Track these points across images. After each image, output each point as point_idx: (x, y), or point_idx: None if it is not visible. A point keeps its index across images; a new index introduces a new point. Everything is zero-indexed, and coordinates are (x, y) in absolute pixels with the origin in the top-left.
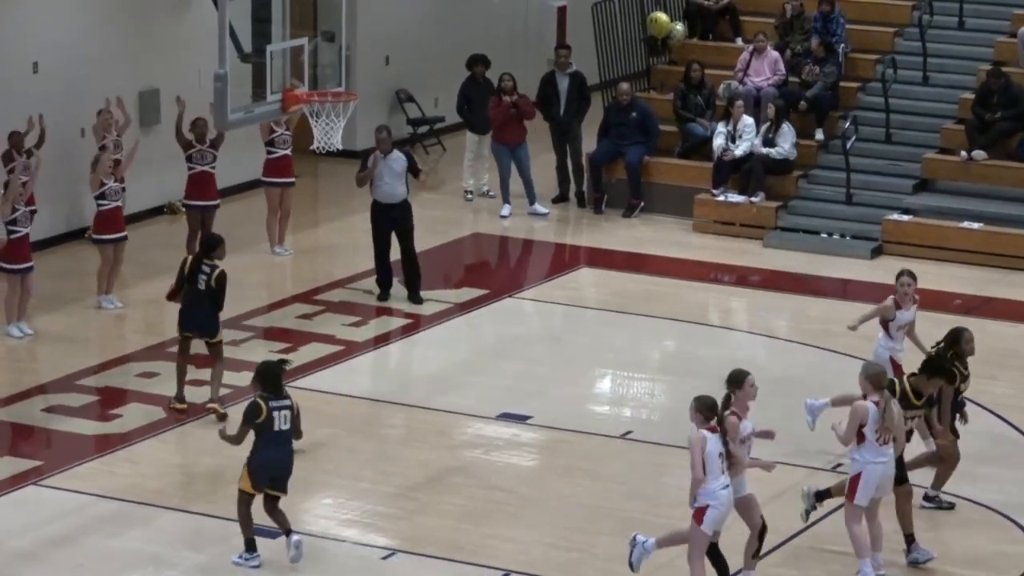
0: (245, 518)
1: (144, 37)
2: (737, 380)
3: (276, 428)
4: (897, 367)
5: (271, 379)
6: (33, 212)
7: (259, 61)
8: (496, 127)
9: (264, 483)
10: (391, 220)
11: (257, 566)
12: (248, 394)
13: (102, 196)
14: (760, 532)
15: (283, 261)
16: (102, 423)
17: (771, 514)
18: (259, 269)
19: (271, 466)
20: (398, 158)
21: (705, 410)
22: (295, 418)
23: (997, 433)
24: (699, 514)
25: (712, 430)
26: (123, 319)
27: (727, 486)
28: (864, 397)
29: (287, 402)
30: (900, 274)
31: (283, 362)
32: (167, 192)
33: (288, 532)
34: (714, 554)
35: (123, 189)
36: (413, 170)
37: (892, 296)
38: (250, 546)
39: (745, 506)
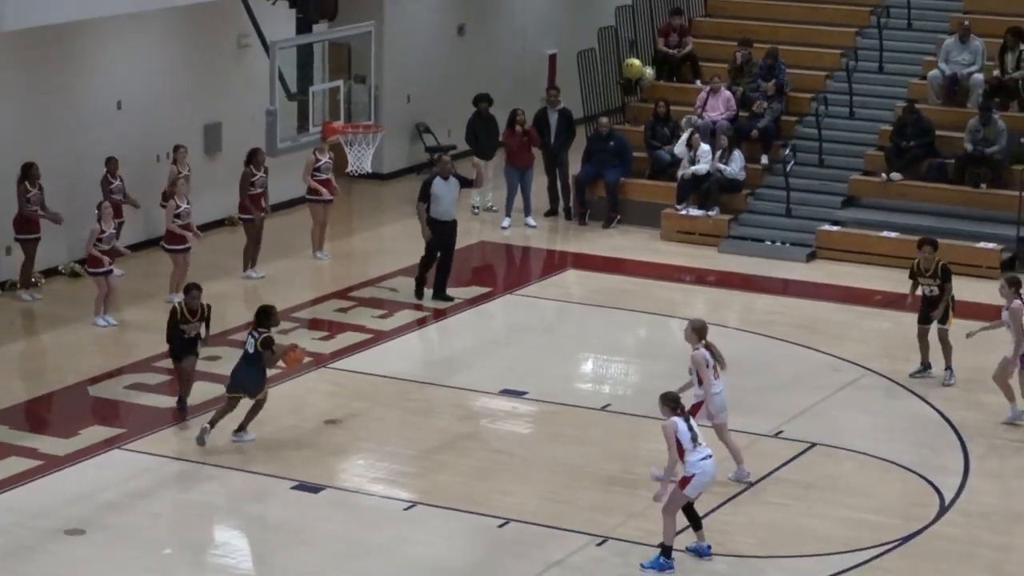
0: None
1: (208, 79)
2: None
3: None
4: None
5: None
6: (121, 224)
7: (303, 99)
8: (509, 153)
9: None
10: (444, 234)
11: None
12: (293, 375)
13: (177, 217)
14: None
15: (323, 264)
16: (174, 398)
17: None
18: (304, 271)
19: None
20: (455, 183)
21: (670, 402)
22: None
23: (911, 407)
24: (684, 481)
25: (679, 415)
26: None
27: (707, 456)
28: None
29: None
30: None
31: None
32: (227, 207)
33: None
34: (691, 512)
35: (188, 211)
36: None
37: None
38: None
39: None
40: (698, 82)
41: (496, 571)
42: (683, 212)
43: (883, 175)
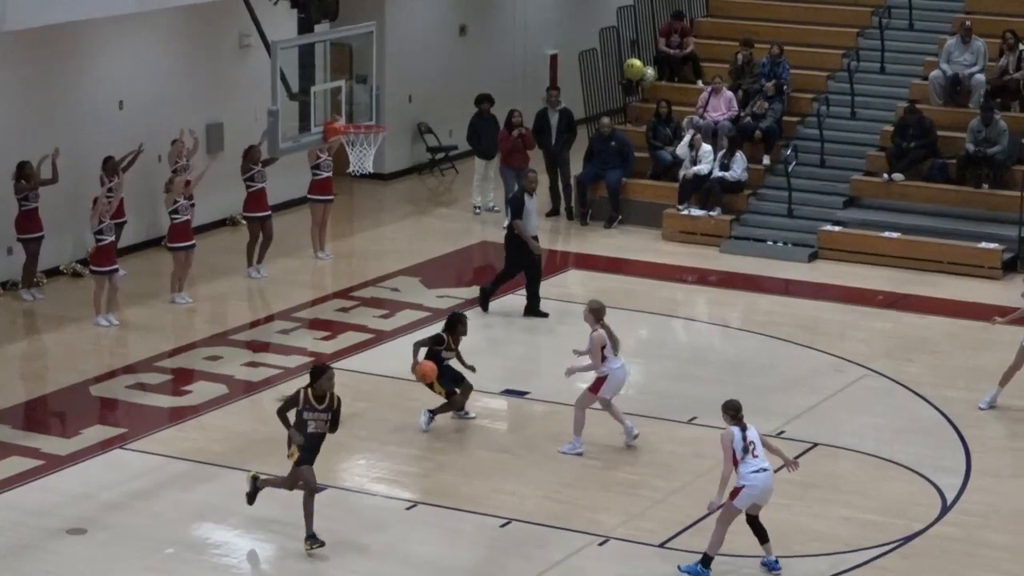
0: None
1: (210, 79)
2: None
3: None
4: None
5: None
6: (123, 223)
7: (305, 99)
8: (505, 154)
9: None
10: (530, 251)
11: None
12: (294, 375)
13: (175, 212)
14: None
15: (324, 264)
16: (175, 397)
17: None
18: (304, 271)
19: None
20: (536, 198)
21: (731, 411)
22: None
23: (913, 408)
24: (735, 493)
25: (738, 424)
26: (193, 312)
27: (760, 469)
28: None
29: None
30: None
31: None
32: (229, 207)
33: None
34: (755, 525)
35: (192, 205)
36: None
37: None
38: None
39: None
40: (699, 82)
41: (497, 571)
42: (685, 212)
43: (885, 175)
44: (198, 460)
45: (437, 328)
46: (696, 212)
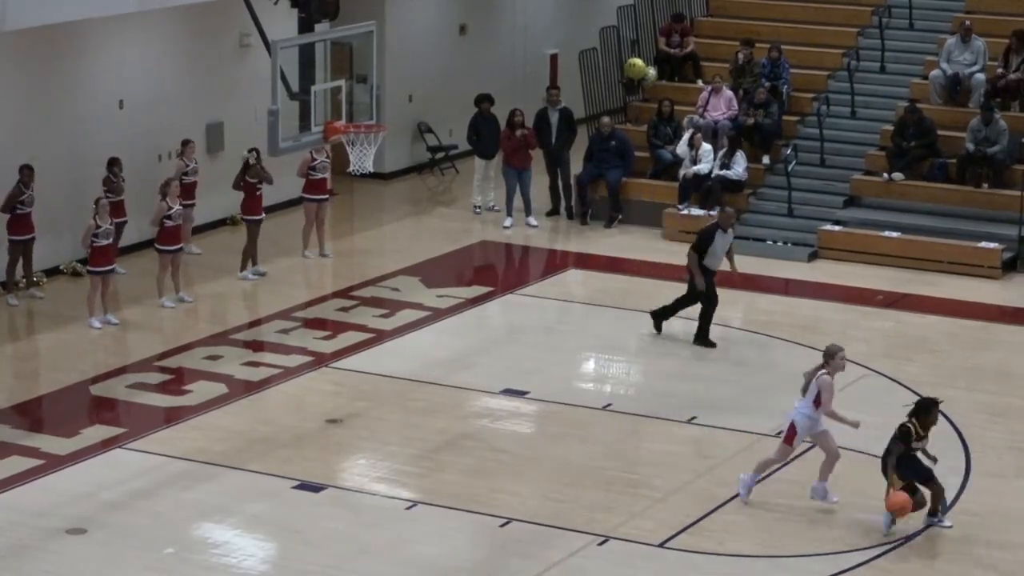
0: None
1: (210, 79)
2: (830, 352)
3: None
4: None
5: None
6: (123, 223)
7: (305, 99)
8: (507, 154)
9: None
10: (713, 284)
11: None
12: (294, 375)
13: (168, 219)
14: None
15: (324, 264)
16: (175, 397)
17: (715, 479)
18: (306, 270)
19: None
20: (730, 236)
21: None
22: None
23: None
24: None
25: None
26: (193, 311)
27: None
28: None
29: None
30: None
31: None
32: (228, 207)
33: None
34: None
35: (193, 206)
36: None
37: None
38: None
39: (824, 439)
40: (699, 82)
41: (498, 570)
42: (685, 212)
43: (885, 175)
44: (198, 460)
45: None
46: (696, 212)
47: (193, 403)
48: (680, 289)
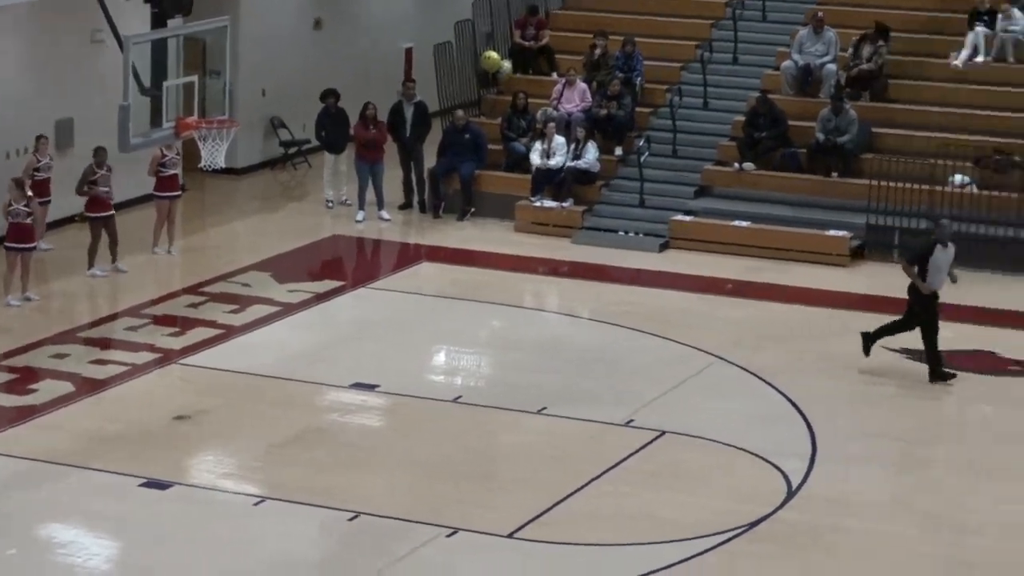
0: None
1: (61, 74)
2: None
3: None
4: None
5: None
6: (47, 202)
7: (157, 94)
8: (359, 147)
9: None
10: (935, 307)
11: None
12: (142, 372)
13: (18, 214)
14: None
15: (174, 260)
16: (20, 396)
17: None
18: (154, 266)
19: None
20: (952, 250)
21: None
22: None
23: (762, 397)
24: None
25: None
26: (40, 309)
27: None
28: None
29: None
30: None
31: None
32: (78, 204)
33: None
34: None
35: (48, 203)
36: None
37: None
38: None
39: None
40: (554, 75)
41: (346, 564)
42: (537, 204)
43: (736, 165)
44: (44, 460)
45: None
46: (549, 204)
47: (39, 402)
48: (527, 279)
